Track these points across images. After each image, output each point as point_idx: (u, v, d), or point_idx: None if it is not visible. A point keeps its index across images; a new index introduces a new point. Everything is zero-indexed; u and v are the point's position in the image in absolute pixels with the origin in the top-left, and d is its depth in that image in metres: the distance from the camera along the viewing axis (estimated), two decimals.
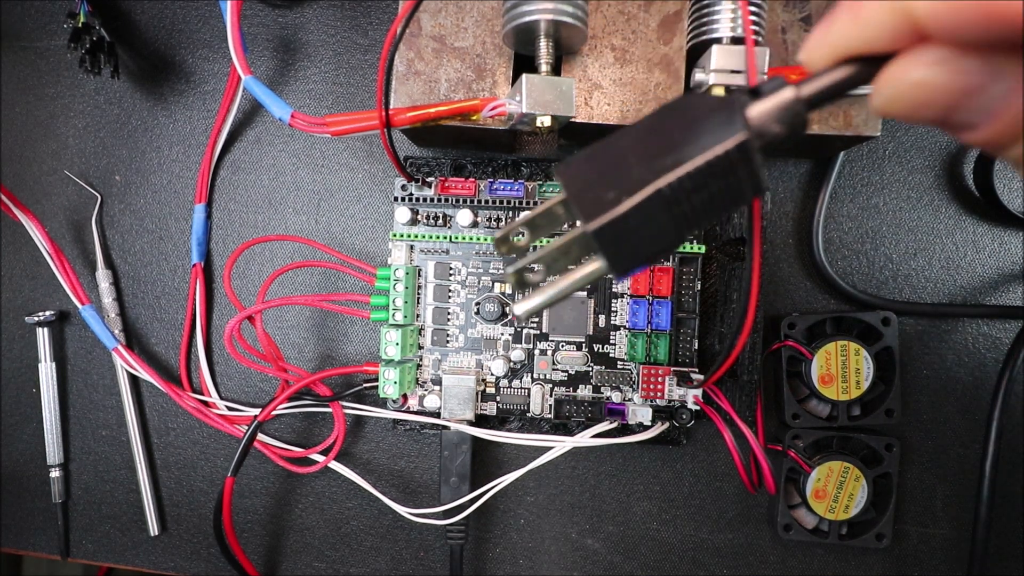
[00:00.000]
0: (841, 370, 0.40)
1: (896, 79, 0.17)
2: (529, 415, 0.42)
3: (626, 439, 0.40)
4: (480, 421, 0.42)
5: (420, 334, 0.42)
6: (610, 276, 0.21)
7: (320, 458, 0.43)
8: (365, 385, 0.41)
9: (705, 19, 0.32)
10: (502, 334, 0.42)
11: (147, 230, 0.46)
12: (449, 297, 0.42)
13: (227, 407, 0.45)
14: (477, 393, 0.41)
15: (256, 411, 0.41)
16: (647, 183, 0.19)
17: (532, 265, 0.22)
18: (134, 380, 0.47)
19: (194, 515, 0.47)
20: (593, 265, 0.21)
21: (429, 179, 0.40)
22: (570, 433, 0.41)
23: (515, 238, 0.23)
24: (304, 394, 0.42)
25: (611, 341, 0.41)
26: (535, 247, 0.34)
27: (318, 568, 0.46)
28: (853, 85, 0.19)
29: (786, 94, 0.19)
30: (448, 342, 0.42)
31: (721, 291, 0.40)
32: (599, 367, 0.41)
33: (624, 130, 0.20)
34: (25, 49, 0.47)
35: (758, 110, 0.19)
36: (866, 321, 0.41)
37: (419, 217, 0.41)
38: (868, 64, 0.18)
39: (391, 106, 0.33)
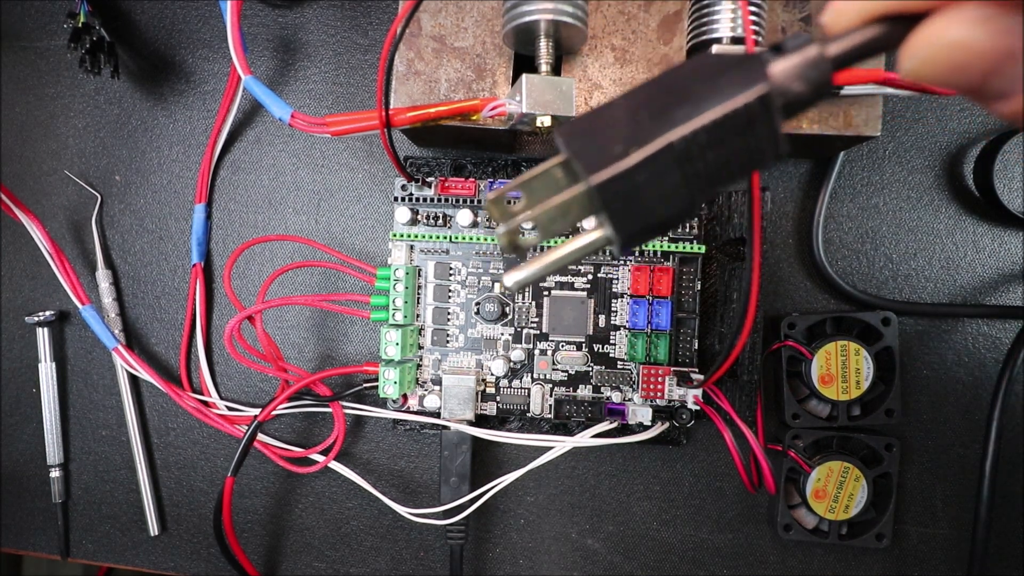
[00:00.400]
0: (841, 370, 0.40)
1: (932, 39, 0.16)
2: (529, 415, 0.42)
3: (626, 439, 0.40)
4: (480, 421, 0.42)
5: (420, 334, 0.42)
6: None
7: (320, 458, 0.43)
8: (365, 385, 0.41)
9: (705, 19, 0.32)
10: (502, 334, 0.42)
11: (147, 230, 0.46)
12: (449, 297, 0.42)
13: (227, 407, 0.45)
14: (477, 393, 0.41)
15: (256, 411, 0.41)
16: (658, 135, 0.17)
17: (526, 227, 0.20)
18: (134, 380, 0.47)
19: (194, 515, 0.47)
20: (595, 233, 0.19)
21: (429, 179, 0.40)
22: (570, 433, 0.41)
23: (509, 203, 0.20)
24: (304, 394, 0.42)
25: (611, 341, 0.41)
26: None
27: (318, 568, 0.46)
28: (882, 46, 0.18)
29: (811, 51, 0.18)
30: (448, 342, 0.42)
31: (721, 291, 0.40)
32: (599, 367, 0.41)
33: (632, 89, 0.19)
34: (25, 49, 0.47)
35: (781, 66, 0.17)
36: (866, 321, 0.41)
37: (419, 217, 0.41)
38: (899, 24, 0.17)
39: (391, 106, 0.33)
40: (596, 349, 0.41)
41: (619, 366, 0.41)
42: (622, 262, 0.41)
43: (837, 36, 0.18)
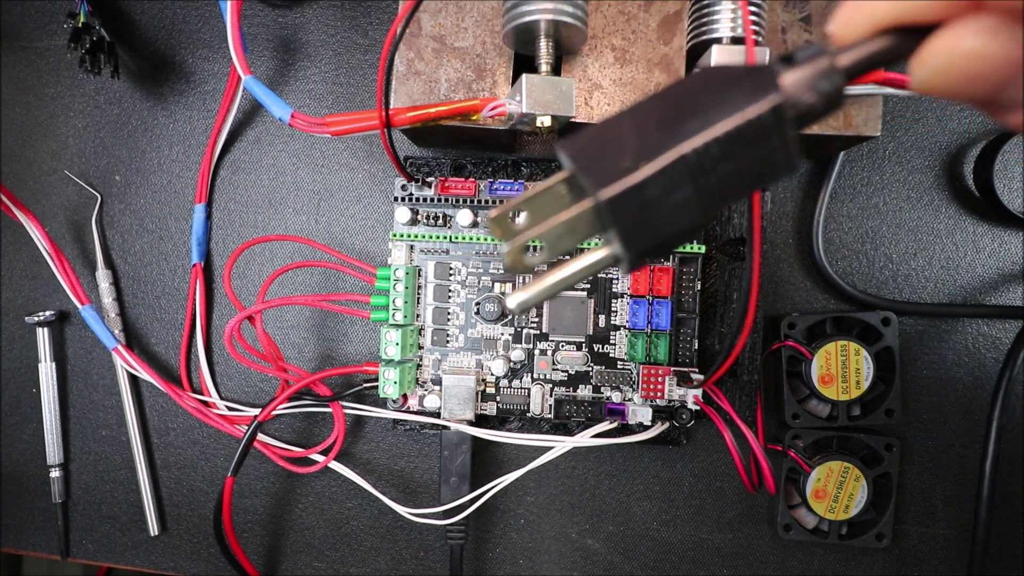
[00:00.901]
0: (841, 370, 0.40)
1: (945, 49, 0.16)
2: (529, 415, 0.41)
3: (626, 439, 0.40)
4: (480, 421, 0.42)
5: (420, 334, 0.42)
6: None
7: (320, 458, 0.43)
8: (365, 385, 0.41)
9: (705, 19, 0.32)
10: (502, 334, 0.42)
11: (147, 230, 0.46)
12: (449, 297, 0.42)
13: (227, 407, 0.45)
14: (477, 393, 0.41)
15: (256, 411, 0.41)
16: (669, 148, 0.17)
17: (533, 244, 0.19)
18: (134, 380, 0.47)
19: (194, 515, 0.47)
20: (602, 251, 0.19)
21: (429, 179, 0.40)
22: (570, 433, 0.41)
23: (512, 220, 0.19)
24: (304, 394, 0.42)
25: (611, 341, 0.41)
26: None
27: (318, 568, 0.46)
28: (894, 57, 0.17)
29: (823, 62, 0.17)
30: (448, 342, 0.42)
31: (721, 291, 0.40)
32: (599, 367, 0.41)
33: (635, 104, 0.18)
34: (25, 49, 0.47)
35: (792, 77, 0.17)
36: (866, 321, 0.41)
37: (419, 217, 0.41)
38: (910, 35, 0.17)
39: (391, 106, 0.33)
40: (596, 349, 0.41)
41: (619, 366, 0.41)
42: None
43: (847, 46, 0.18)
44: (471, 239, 0.41)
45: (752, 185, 0.18)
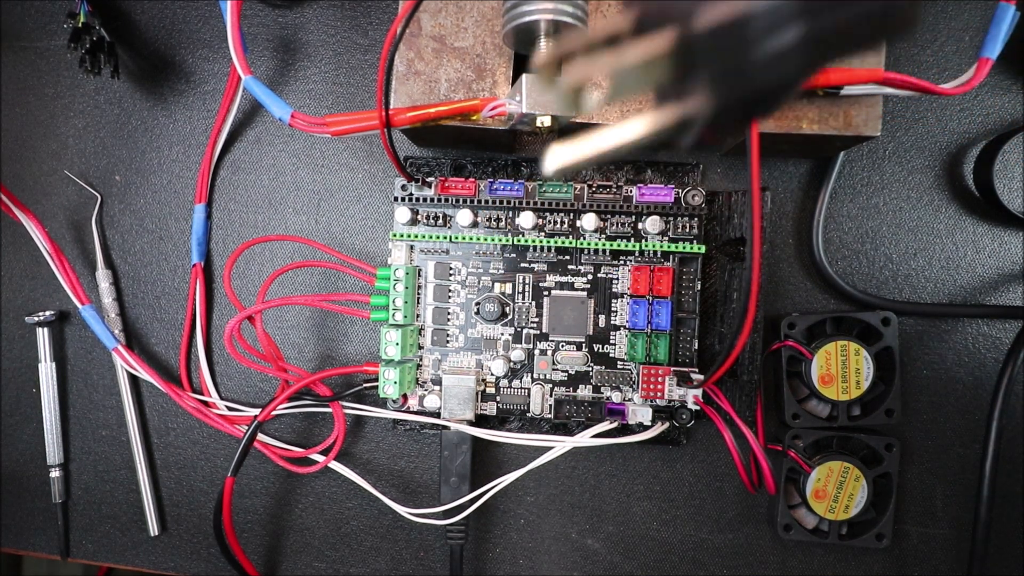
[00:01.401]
0: (841, 370, 0.40)
1: None
2: (529, 415, 0.41)
3: (626, 439, 0.40)
4: (480, 421, 0.42)
5: (420, 334, 0.42)
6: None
7: (320, 458, 0.43)
8: (365, 385, 0.41)
9: None
10: (502, 334, 0.42)
11: (147, 230, 0.46)
12: (449, 297, 0.42)
13: (227, 407, 0.45)
14: (477, 393, 0.41)
15: (256, 411, 0.41)
16: None
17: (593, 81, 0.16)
18: (134, 380, 0.47)
19: (194, 515, 0.47)
20: (666, 110, 0.15)
21: (429, 179, 0.40)
22: (570, 433, 0.41)
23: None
24: (304, 394, 0.42)
25: (611, 341, 0.41)
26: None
27: (318, 568, 0.46)
28: None
29: None
30: (448, 342, 0.42)
31: (721, 291, 0.40)
32: (599, 367, 0.41)
33: None
34: (25, 49, 0.47)
35: None
36: (866, 321, 0.41)
37: (419, 217, 0.41)
38: None
39: (391, 106, 0.33)
40: (596, 349, 0.41)
41: (619, 366, 0.41)
42: (622, 262, 0.41)
43: None
44: (471, 239, 0.41)
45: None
